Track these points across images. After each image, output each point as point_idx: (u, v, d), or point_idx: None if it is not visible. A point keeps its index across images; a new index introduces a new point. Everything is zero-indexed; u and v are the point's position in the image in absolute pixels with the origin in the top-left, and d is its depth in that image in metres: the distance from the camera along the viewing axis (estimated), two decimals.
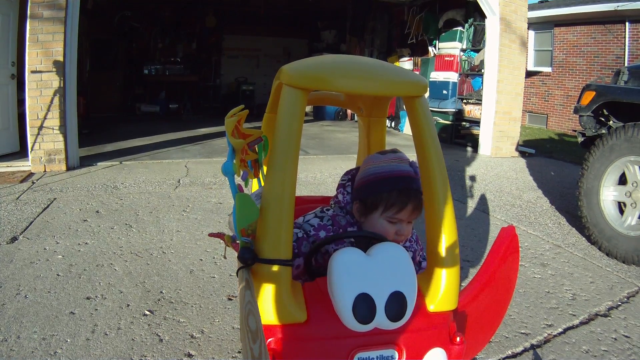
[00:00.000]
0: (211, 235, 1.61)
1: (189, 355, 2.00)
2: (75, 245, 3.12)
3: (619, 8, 9.51)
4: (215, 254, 3.06)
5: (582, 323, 2.36)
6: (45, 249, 3.05)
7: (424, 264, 1.32)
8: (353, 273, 1.03)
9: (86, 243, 3.18)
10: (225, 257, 2.33)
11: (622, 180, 3.33)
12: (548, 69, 11.68)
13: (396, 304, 1.02)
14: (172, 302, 2.44)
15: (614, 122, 3.71)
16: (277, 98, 1.44)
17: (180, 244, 3.22)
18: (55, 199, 4.14)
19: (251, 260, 1.07)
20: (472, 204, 4.48)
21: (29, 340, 2.04)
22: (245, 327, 0.87)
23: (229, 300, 2.48)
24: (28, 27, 4.83)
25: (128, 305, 2.39)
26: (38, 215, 3.67)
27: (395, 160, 1.29)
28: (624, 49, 9.82)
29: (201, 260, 2.98)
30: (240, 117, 1.38)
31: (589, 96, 3.75)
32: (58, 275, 2.69)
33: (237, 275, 1.13)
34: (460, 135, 7.98)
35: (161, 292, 2.55)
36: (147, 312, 2.33)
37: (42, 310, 2.30)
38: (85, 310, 2.32)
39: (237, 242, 1.17)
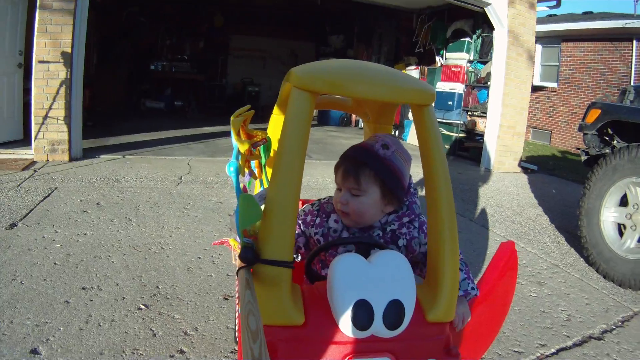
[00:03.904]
0: (215, 244, 1.61)
1: (182, 352, 2.00)
2: (74, 236, 3.12)
3: (627, 26, 9.51)
4: (213, 252, 3.06)
5: (575, 345, 2.35)
6: (43, 237, 3.05)
7: (424, 248, 1.29)
8: (353, 279, 1.03)
9: (85, 234, 3.18)
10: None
11: (624, 202, 3.31)
12: (554, 85, 11.64)
13: (394, 312, 1.02)
14: (168, 297, 2.44)
15: (618, 141, 3.70)
16: (285, 100, 1.44)
17: (179, 241, 3.22)
18: (56, 188, 4.14)
19: (253, 260, 1.06)
20: (472, 218, 4.47)
21: (22, 326, 2.04)
22: (245, 327, 0.87)
23: (225, 299, 2.48)
24: (37, 17, 4.85)
25: (123, 298, 2.39)
26: (38, 204, 3.67)
27: (368, 139, 1.37)
28: (631, 67, 9.78)
29: (199, 258, 2.98)
30: (246, 117, 1.39)
31: (594, 114, 3.74)
32: (55, 264, 2.69)
33: (237, 274, 1.13)
34: (463, 148, 7.96)
35: (157, 287, 2.55)
36: (142, 306, 2.32)
37: (37, 297, 2.30)
38: (80, 300, 2.32)
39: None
